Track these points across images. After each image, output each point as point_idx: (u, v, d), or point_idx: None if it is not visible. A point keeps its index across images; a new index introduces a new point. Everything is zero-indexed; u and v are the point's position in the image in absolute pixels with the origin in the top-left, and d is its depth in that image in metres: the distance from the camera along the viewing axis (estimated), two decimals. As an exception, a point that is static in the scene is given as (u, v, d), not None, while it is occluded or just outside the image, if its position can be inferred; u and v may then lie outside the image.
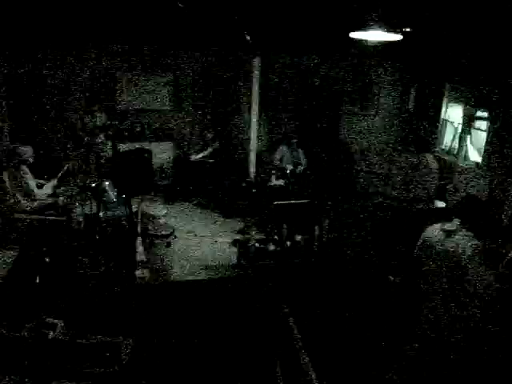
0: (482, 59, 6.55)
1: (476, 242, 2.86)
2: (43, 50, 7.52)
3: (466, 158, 7.61)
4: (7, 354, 3.08)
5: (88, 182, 5.48)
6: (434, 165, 5.82)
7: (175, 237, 6.11)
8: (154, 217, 6.45)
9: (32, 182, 5.42)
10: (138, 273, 4.89)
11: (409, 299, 4.67)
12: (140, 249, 5.18)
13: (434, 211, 5.95)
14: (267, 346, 3.85)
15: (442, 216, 3.09)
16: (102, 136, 7.45)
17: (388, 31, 4.01)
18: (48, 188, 5.57)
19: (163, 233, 6.12)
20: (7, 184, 5.26)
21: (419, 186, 5.81)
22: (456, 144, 7.80)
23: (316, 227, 5.67)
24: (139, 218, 5.53)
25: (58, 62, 7.72)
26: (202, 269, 5.45)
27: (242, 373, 3.55)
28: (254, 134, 7.75)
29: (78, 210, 5.28)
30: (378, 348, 3.93)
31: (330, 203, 6.16)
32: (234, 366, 3.61)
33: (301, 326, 4.08)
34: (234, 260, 5.58)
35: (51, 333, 3.21)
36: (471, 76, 7.03)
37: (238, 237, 6.09)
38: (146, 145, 8.02)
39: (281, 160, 7.58)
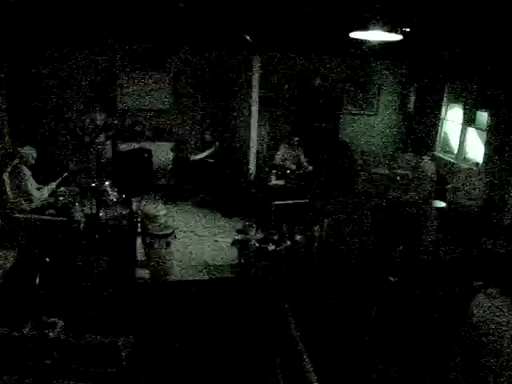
0: (483, 59, 6.55)
1: None
2: (43, 50, 7.52)
3: (465, 158, 7.62)
4: (7, 353, 3.07)
5: (88, 182, 5.48)
6: (429, 168, 5.74)
7: (175, 237, 6.10)
8: (154, 217, 6.43)
9: (31, 184, 5.41)
10: (137, 272, 4.89)
11: (409, 299, 4.69)
12: (140, 249, 5.18)
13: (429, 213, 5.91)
14: (267, 346, 3.85)
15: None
16: (102, 136, 7.45)
17: (388, 31, 4.01)
18: (46, 191, 5.56)
19: (163, 233, 6.10)
20: (7, 184, 5.26)
21: (414, 188, 5.77)
22: (456, 144, 7.81)
23: (316, 227, 5.67)
24: (139, 218, 5.52)
25: (58, 61, 7.73)
26: (202, 269, 5.45)
27: (242, 373, 3.55)
28: (254, 134, 7.75)
29: (77, 209, 5.27)
30: (378, 348, 3.93)
31: (330, 203, 6.15)
32: (234, 365, 3.61)
33: (301, 326, 4.08)
34: (234, 260, 5.58)
35: (51, 332, 3.21)
36: (471, 76, 7.04)
37: (237, 237, 6.07)
38: (146, 145, 8.04)
39: (281, 159, 7.58)
